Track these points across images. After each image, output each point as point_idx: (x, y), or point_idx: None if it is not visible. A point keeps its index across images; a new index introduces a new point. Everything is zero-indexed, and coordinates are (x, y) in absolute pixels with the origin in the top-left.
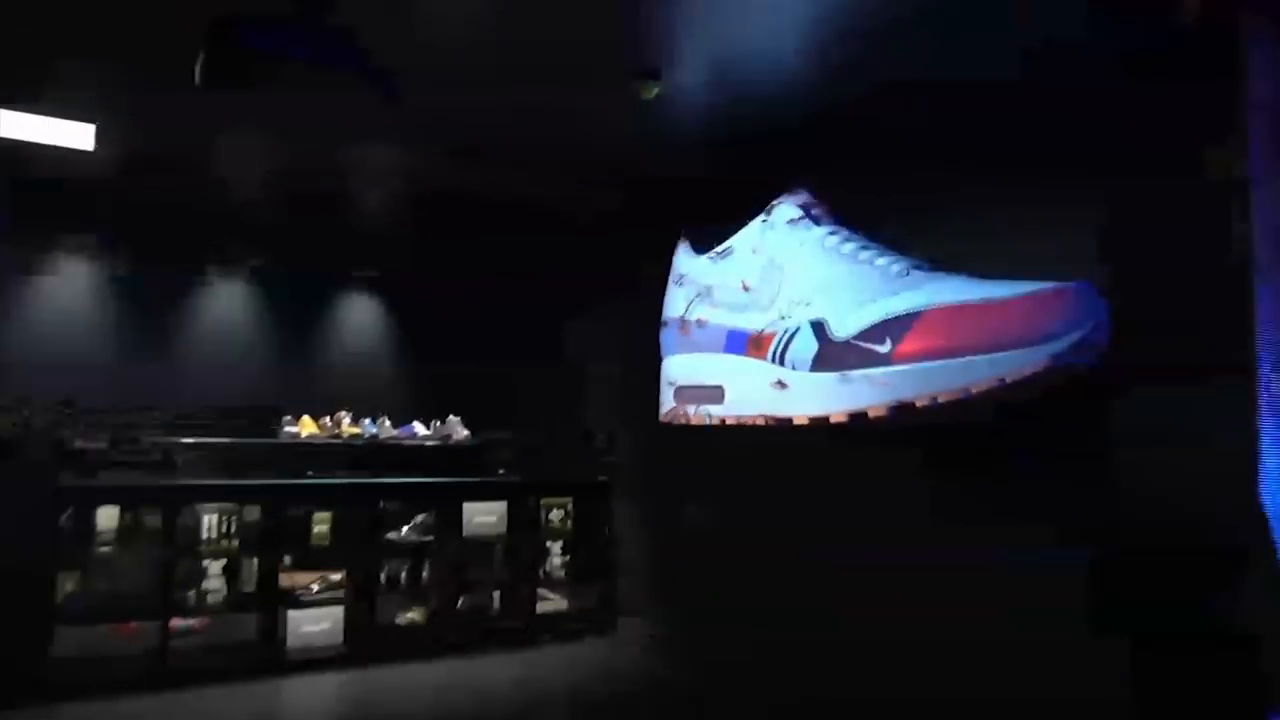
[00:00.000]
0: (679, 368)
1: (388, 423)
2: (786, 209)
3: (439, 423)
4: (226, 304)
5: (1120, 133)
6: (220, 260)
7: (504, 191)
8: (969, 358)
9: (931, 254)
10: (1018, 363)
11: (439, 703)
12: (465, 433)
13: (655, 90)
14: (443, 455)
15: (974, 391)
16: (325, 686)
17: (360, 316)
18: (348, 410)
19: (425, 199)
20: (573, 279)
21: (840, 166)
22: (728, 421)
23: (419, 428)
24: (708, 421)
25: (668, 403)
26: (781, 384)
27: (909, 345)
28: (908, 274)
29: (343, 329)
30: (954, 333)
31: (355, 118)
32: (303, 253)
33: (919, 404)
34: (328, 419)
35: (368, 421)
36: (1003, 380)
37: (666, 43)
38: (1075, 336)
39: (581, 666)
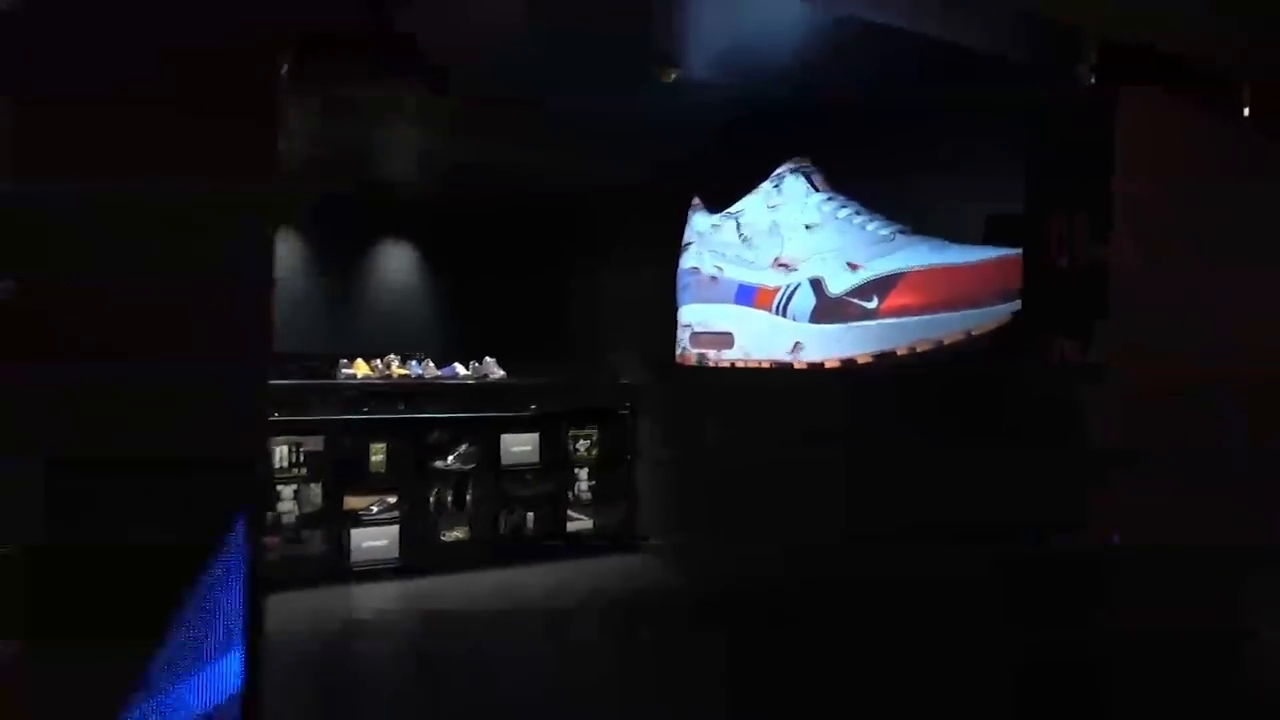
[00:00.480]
0: (693, 316)
1: (431, 364)
2: (790, 177)
3: (477, 364)
4: (287, 261)
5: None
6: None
7: (540, 162)
8: (942, 313)
9: (913, 219)
10: (982, 318)
11: (481, 606)
12: (500, 372)
13: (673, 75)
14: (481, 393)
15: (946, 343)
16: (385, 592)
17: (405, 270)
18: (396, 354)
19: (468, 171)
20: (597, 238)
21: (836, 141)
22: (736, 364)
23: (459, 368)
24: (719, 363)
25: (683, 346)
26: (785, 334)
27: (893, 302)
28: (893, 238)
29: (389, 281)
30: (930, 292)
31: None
32: (361, 218)
33: (899, 352)
34: (378, 362)
35: (414, 363)
36: (969, 333)
37: (683, 35)
38: None
39: (605, 576)
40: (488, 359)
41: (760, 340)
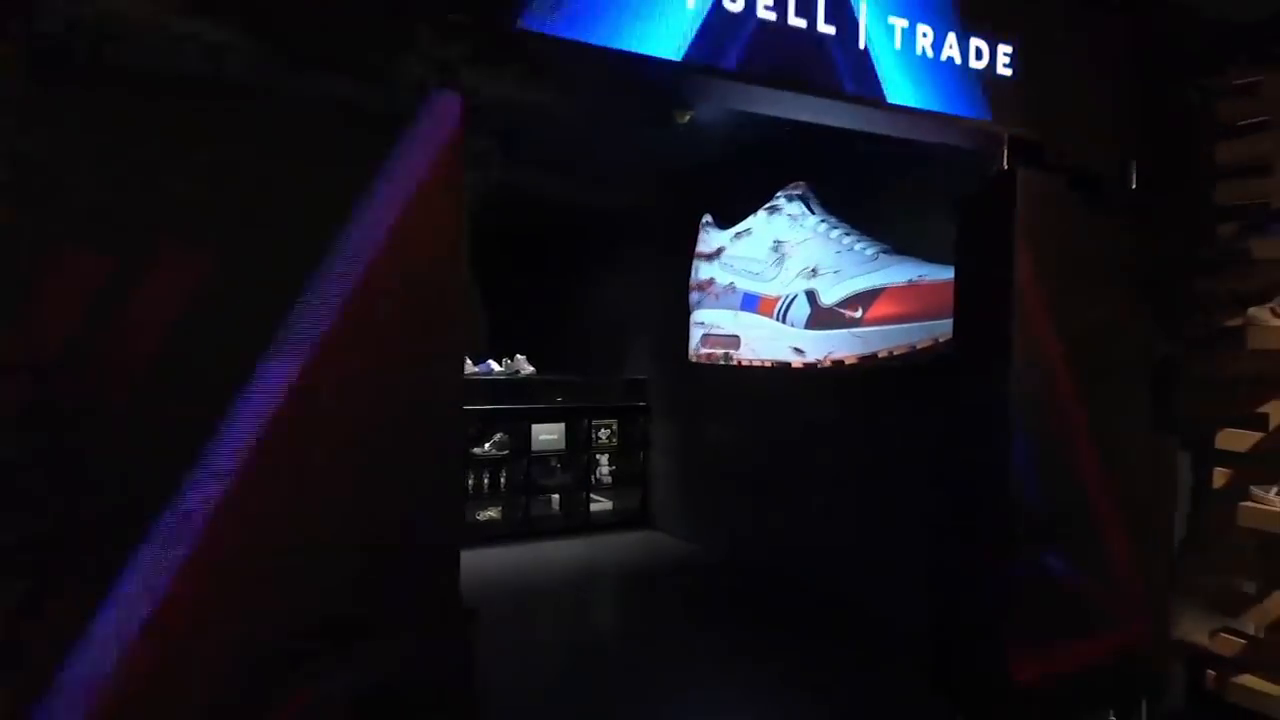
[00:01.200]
0: (706, 319)
1: (469, 361)
2: (790, 200)
3: (509, 360)
4: None
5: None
6: None
7: (579, 191)
8: (915, 323)
9: (894, 241)
10: (947, 327)
11: (512, 577)
12: (530, 369)
13: (688, 116)
14: (513, 387)
15: (918, 347)
16: None
17: None
18: None
19: (502, 189)
20: (618, 248)
21: (831, 169)
22: (742, 363)
23: (493, 365)
24: (727, 362)
25: (695, 346)
26: (784, 338)
27: (875, 312)
28: (876, 258)
29: None
30: (906, 304)
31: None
32: None
33: (880, 355)
34: None
35: None
36: (937, 340)
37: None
38: None
39: (621, 552)
40: (518, 356)
41: (763, 342)
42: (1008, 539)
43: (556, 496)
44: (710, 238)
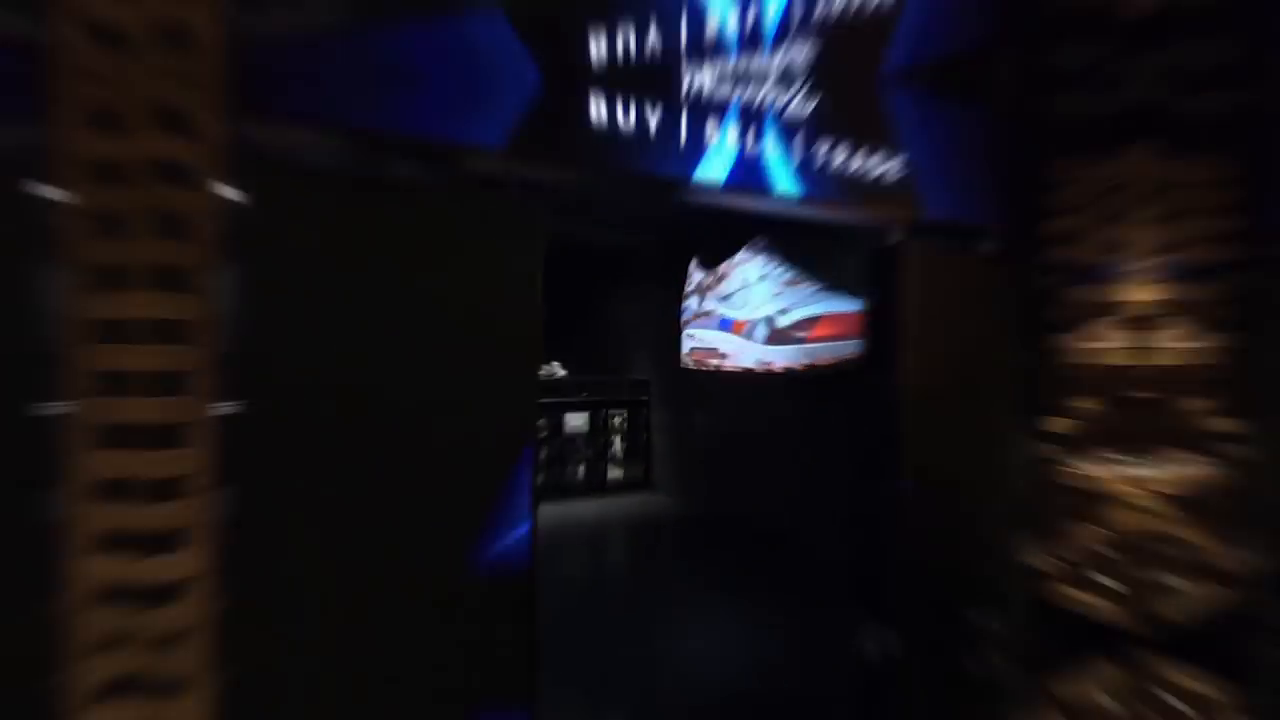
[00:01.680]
0: (695, 335)
1: None
2: (756, 251)
3: (546, 366)
4: None
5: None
6: None
7: (593, 233)
8: (844, 341)
9: (831, 280)
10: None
11: (546, 527)
12: (563, 372)
13: None
14: (549, 385)
15: (847, 358)
16: None
17: None
18: None
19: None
20: (629, 281)
21: (787, 227)
22: (721, 368)
23: None
24: (710, 368)
25: (686, 355)
26: (752, 352)
27: (817, 332)
28: (818, 293)
29: None
30: (837, 328)
31: None
32: None
33: (819, 364)
34: None
35: None
36: (860, 354)
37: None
38: None
39: (629, 508)
40: (553, 362)
41: (737, 355)
42: (895, 498)
43: (582, 467)
44: (697, 275)
